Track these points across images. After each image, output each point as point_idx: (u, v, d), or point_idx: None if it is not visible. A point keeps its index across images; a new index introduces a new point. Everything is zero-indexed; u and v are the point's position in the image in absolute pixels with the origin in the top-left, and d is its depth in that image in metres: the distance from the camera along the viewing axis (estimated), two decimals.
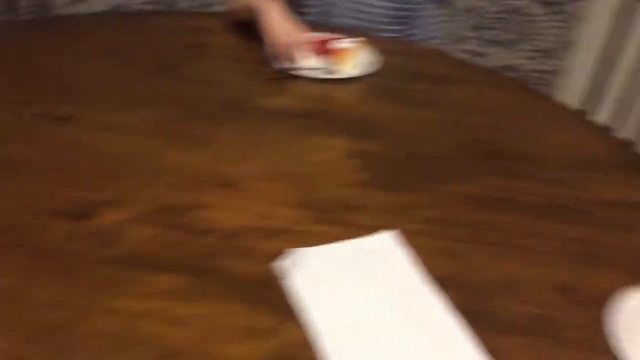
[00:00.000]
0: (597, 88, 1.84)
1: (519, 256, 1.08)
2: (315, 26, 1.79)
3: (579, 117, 1.64)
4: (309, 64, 1.64)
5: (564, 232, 1.15)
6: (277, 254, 1.03)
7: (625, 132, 1.77)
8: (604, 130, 1.56)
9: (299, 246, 1.04)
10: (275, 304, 0.94)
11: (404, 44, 1.96)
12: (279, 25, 1.61)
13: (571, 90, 2.62)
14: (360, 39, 1.72)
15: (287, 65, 1.61)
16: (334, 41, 1.69)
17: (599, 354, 0.91)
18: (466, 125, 1.49)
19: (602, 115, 1.84)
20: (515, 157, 1.37)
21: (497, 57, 2.66)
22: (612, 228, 1.17)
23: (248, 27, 1.80)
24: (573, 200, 1.23)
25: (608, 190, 1.28)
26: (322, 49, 1.67)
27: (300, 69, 1.62)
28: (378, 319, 0.93)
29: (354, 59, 1.67)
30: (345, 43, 1.68)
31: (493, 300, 0.99)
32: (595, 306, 0.98)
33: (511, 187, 1.26)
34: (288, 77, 1.64)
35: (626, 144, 1.52)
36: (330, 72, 1.64)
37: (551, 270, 1.05)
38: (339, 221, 1.13)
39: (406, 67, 1.78)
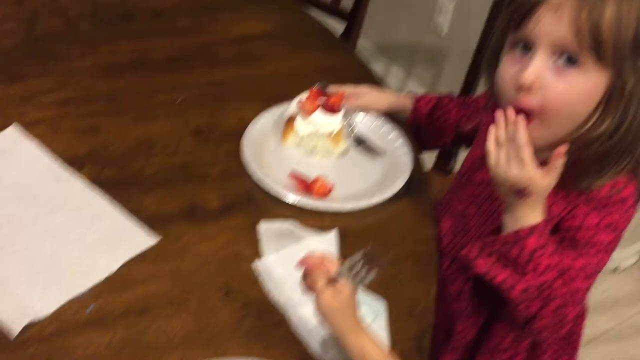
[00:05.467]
0: None
1: (156, 114, 1.10)
2: None
3: None
4: None
5: (195, 79, 1.19)
6: None
7: None
8: None
9: None
10: None
11: None
12: None
13: None
14: None
15: None
16: None
17: (236, 180, 1.00)
18: None
19: None
20: (148, 16, 1.35)
21: None
22: (241, 63, 1.25)
23: None
24: (199, 47, 1.27)
25: (233, 28, 1.34)
26: None
27: None
28: (20, 219, 0.89)
29: None
30: None
31: (134, 163, 1.01)
32: (228, 140, 1.06)
33: (142, 47, 1.25)
34: None
35: None
36: None
37: (186, 119, 1.10)
38: None
39: None
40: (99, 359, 0.75)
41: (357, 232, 0.94)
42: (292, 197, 0.95)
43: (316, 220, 0.94)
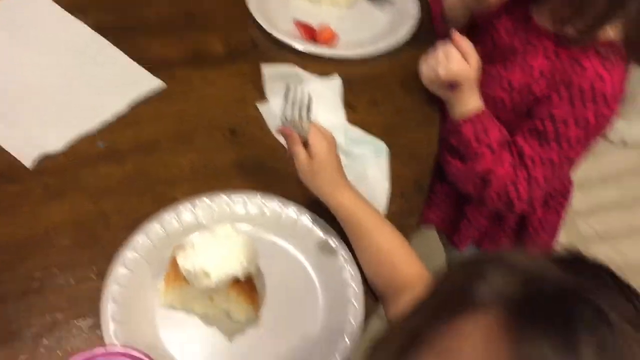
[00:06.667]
0: None
1: None
2: None
3: None
4: None
5: None
6: None
7: None
8: None
9: None
10: None
11: None
12: None
13: None
14: None
15: None
16: None
17: (241, 28, 0.99)
18: None
19: None
20: None
21: None
22: None
23: None
24: None
25: None
26: None
27: None
28: (31, 64, 0.90)
29: None
30: None
31: (136, 10, 1.00)
32: None
33: None
34: None
35: None
36: None
37: None
38: None
39: None
40: (111, 190, 0.78)
41: (361, 79, 0.95)
42: (297, 44, 0.95)
43: (320, 67, 0.94)
